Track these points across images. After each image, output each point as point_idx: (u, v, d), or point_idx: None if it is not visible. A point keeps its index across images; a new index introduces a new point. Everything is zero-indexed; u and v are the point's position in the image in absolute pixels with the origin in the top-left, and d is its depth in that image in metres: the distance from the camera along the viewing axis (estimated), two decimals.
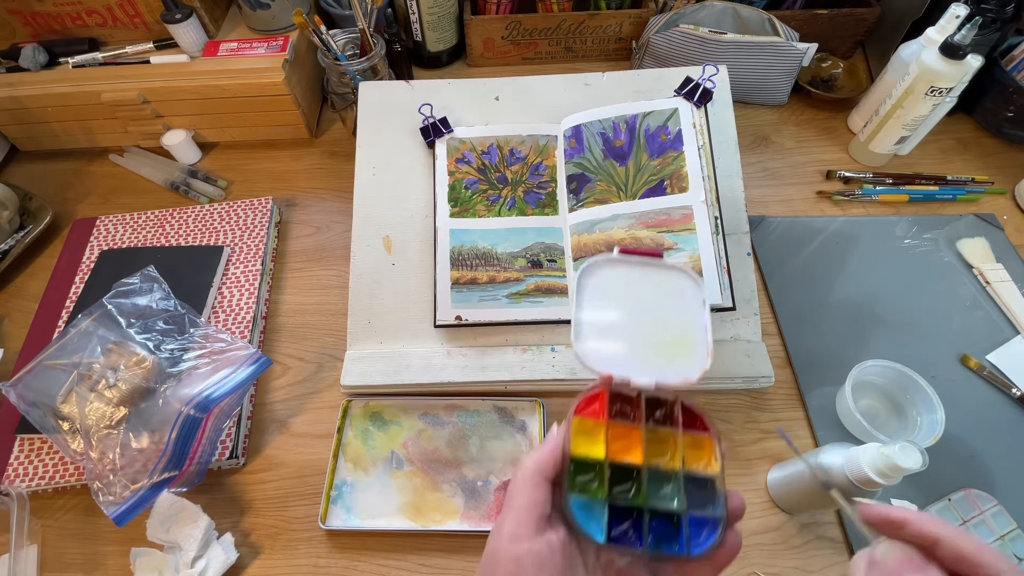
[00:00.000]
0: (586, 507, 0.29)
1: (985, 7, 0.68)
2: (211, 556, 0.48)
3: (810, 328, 0.61)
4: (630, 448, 0.31)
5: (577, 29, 0.85)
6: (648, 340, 0.34)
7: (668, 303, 0.35)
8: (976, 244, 0.66)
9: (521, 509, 0.28)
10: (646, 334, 0.34)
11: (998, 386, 0.56)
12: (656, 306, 0.35)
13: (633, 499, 0.29)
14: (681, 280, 0.36)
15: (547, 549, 0.27)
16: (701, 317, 0.34)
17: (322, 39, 0.69)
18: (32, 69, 0.73)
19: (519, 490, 0.29)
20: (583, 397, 0.32)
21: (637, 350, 0.34)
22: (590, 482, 0.30)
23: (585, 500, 0.29)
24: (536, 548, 0.27)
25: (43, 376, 0.53)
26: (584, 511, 0.28)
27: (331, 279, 0.68)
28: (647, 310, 0.35)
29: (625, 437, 0.31)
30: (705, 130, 0.58)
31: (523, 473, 0.29)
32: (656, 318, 0.35)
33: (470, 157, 0.62)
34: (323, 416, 0.58)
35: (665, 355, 0.34)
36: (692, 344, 0.34)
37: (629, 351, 0.34)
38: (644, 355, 0.34)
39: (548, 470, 0.29)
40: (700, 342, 0.34)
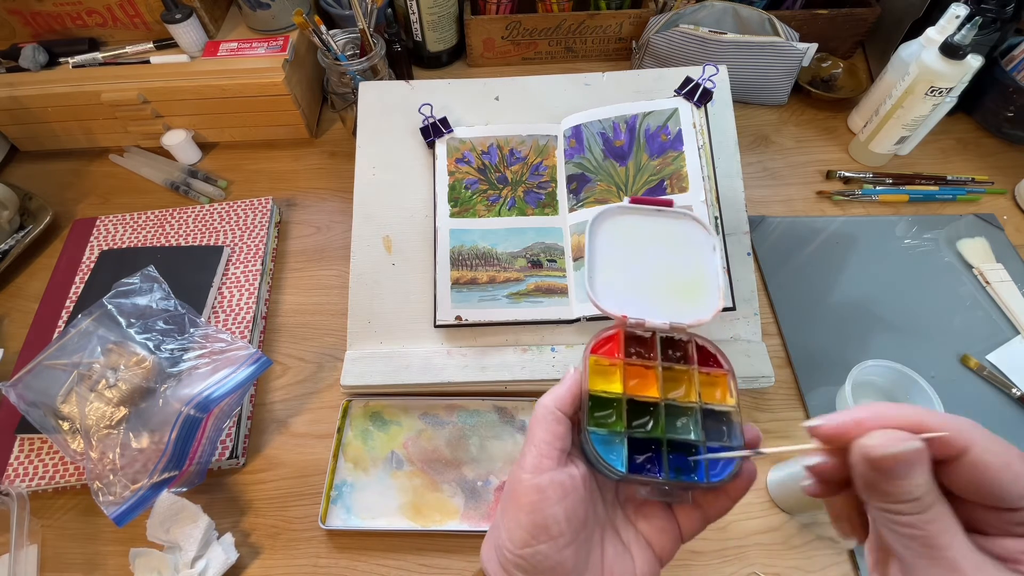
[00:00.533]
0: (605, 440, 0.29)
1: (985, 7, 0.68)
2: (211, 556, 0.48)
3: (810, 328, 0.61)
4: (647, 385, 0.31)
5: (577, 29, 0.85)
6: (661, 284, 0.35)
7: (679, 249, 0.36)
8: (976, 244, 0.66)
9: (542, 442, 0.28)
10: (658, 279, 0.35)
11: (998, 386, 0.56)
12: (667, 252, 0.36)
13: (652, 431, 0.30)
14: (691, 227, 0.36)
15: (570, 480, 0.28)
16: (712, 261, 0.35)
17: (322, 39, 0.69)
18: (32, 69, 0.73)
19: (539, 425, 0.29)
20: (598, 338, 0.32)
21: (650, 293, 0.35)
22: (608, 416, 0.30)
23: (604, 434, 0.29)
24: (559, 478, 0.27)
25: (43, 376, 0.53)
26: (604, 444, 0.29)
27: (331, 279, 0.68)
28: (659, 256, 0.36)
29: (641, 375, 0.32)
30: (705, 130, 0.58)
31: (542, 410, 0.29)
32: (668, 264, 0.36)
33: (470, 157, 0.62)
34: (323, 416, 0.58)
35: (678, 298, 0.35)
36: (704, 287, 0.35)
37: (643, 294, 0.35)
38: (657, 298, 0.34)
39: (567, 406, 0.30)
40: (712, 285, 0.35)
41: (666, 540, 0.30)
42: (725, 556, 0.49)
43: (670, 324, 0.33)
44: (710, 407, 0.30)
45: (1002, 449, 0.21)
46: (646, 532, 0.30)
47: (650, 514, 0.30)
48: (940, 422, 0.21)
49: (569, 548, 0.27)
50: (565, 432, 0.29)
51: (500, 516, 0.29)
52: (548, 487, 0.27)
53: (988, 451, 0.21)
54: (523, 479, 0.28)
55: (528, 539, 0.27)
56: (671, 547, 0.30)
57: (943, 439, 0.21)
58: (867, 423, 0.22)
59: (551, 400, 0.30)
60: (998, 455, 0.21)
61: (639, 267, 0.36)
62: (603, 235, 0.36)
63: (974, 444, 0.21)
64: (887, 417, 0.22)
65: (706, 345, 0.33)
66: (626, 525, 0.31)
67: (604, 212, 0.36)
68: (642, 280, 0.35)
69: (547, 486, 0.27)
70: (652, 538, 0.30)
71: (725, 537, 0.50)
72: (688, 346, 0.33)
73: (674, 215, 0.37)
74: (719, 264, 0.35)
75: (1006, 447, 0.21)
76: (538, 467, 0.28)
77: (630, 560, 0.29)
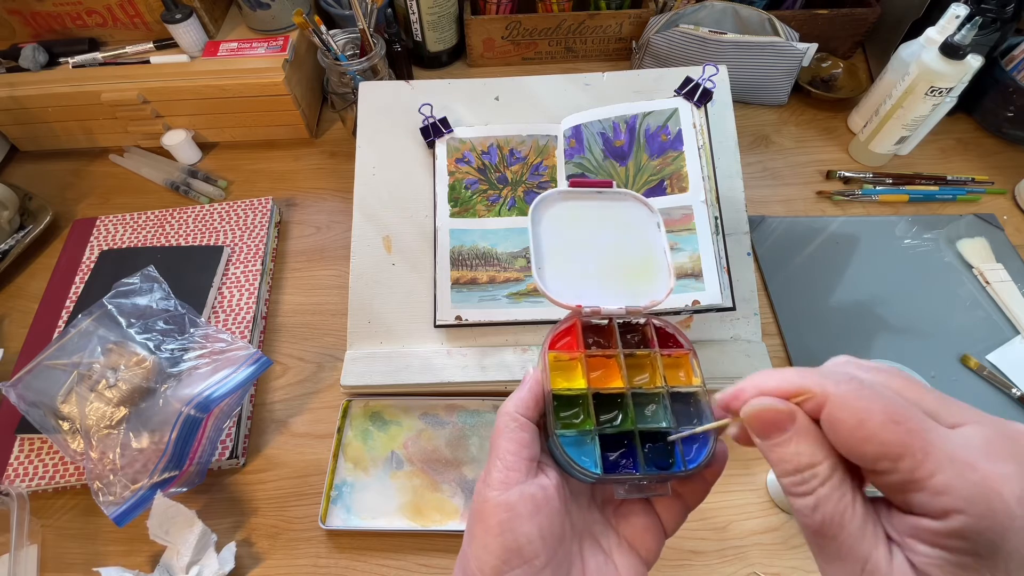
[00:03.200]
0: (576, 442, 0.28)
1: (985, 7, 0.68)
2: (206, 563, 0.48)
3: (810, 328, 0.61)
4: (610, 376, 0.30)
5: (577, 29, 0.85)
6: (611, 268, 0.34)
7: (624, 231, 0.35)
8: (976, 244, 0.66)
9: (508, 454, 0.26)
10: (608, 263, 0.34)
11: (998, 386, 0.56)
12: (613, 235, 0.35)
13: (622, 424, 0.29)
14: (633, 207, 0.36)
15: (541, 492, 0.26)
16: (659, 240, 0.34)
17: (322, 39, 0.69)
18: (32, 69, 0.73)
19: (502, 435, 0.27)
20: (555, 333, 0.31)
21: (602, 279, 0.34)
22: (575, 415, 0.29)
23: (574, 435, 0.28)
24: (529, 491, 0.25)
25: (43, 376, 0.53)
26: (574, 446, 0.27)
27: (331, 279, 0.68)
28: (605, 240, 0.35)
29: (603, 366, 0.31)
30: (705, 130, 0.58)
31: (504, 418, 0.27)
32: (615, 246, 0.35)
33: (470, 157, 0.62)
34: (323, 416, 0.58)
35: (630, 281, 0.34)
36: (654, 267, 0.34)
37: (594, 281, 0.34)
38: (609, 283, 0.34)
39: (530, 411, 0.28)
40: (661, 264, 0.34)
41: (650, 539, 0.28)
42: (725, 556, 0.49)
43: (626, 309, 0.32)
44: (676, 390, 0.30)
45: (861, 404, 0.19)
46: (628, 535, 0.28)
47: (629, 513, 0.29)
48: (811, 381, 0.20)
49: (546, 570, 0.25)
50: (531, 439, 0.27)
51: (467, 541, 0.26)
52: (518, 503, 0.25)
53: (842, 407, 0.19)
54: (490, 497, 0.25)
55: (499, 565, 0.24)
56: (656, 546, 0.28)
57: (813, 395, 0.20)
58: (746, 392, 0.22)
59: (513, 406, 0.28)
60: (853, 411, 0.19)
61: (587, 253, 0.34)
62: (547, 223, 0.35)
63: (828, 400, 0.19)
64: (764, 385, 0.21)
65: (663, 326, 0.32)
66: (606, 530, 0.29)
67: (544, 199, 0.35)
68: (592, 266, 0.34)
69: (517, 502, 0.25)
70: (635, 540, 0.28)
71: (725, 537, 0.50)
72: (646, 329, 0.32)
73: (615, 195, 0.36)
74: (664, 243, 0.34)
75: (872, 400, 0.19)
76: (505, 482, 0.25)
77: (614, 570, 0.27)
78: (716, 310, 0.54)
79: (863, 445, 0.19)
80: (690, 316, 0.57)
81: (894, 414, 0.18)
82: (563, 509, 0.27)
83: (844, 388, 0.19)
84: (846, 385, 0.19)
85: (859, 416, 0.19)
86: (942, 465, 0.17)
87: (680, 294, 0.53)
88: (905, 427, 0.18)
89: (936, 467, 0.17)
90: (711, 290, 0.53)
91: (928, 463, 0.18)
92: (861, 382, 0.20)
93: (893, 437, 0.18)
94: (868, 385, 0.19)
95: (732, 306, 0.55)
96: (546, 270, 0.33)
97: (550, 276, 0.33)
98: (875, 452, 0.18)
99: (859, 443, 0.19)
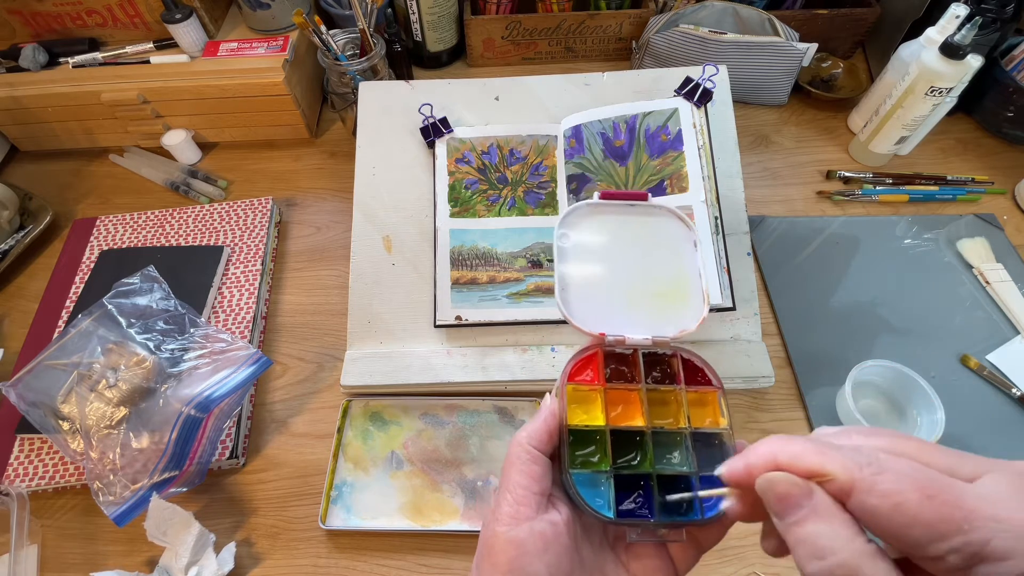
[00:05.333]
0: (590, 481, 0.26)
1: (985, 7, 0.68)
2: (204, 563, 0.48)
3: (810, 328, 0.61)
4: (631, 412, 0.29)
5: (577, 29, 0.85)
6: (639, 292, 0.32)
7: (657, 249, 0.32)
8: (976, 244, 0.66)
9: (518, 487, 0.25)
10: (637, 285, 0.32)
11: (998, 386, 0.56)
12: (645, 253, 0.32)
13: (639, 466, 0.27)
14: (669, 222, 0.33)
15: (551, 529, 0.25)
16: (694, 261, 0.32)
17: (322, 39, 0.69)
18: (32, 69, 0.73)
19: (513, 467, 0.26)
20: (576, 361, 0.30)
21: (629, 304, 0.31)
22: (591, 454, 0.28)
23: (588, 474, 0.27)
24: (539, 528, 0.25)
25: (43, 376, 0.53)
26: (588, 486, 0.26)
27: (331, 279, 0.68)
28: (636, 259, 0.32)
29: (624, 400, 0.29)
30: (705, 130, 0.58)
31: (516, 448, 0.26)
32: (646, 267, 0.32)
33: (470, 157, 0.62)
34: (323, 416, 0.58)
35: (659, 306, 0.31)
36: (686, 291, 0.31)
37: (620, 306, 0.31)
38: (637, 309, 0.31)
39: (543, 444, 0.27)
40: (695, 288, 0.31)
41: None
42: (725, 556, 0.49)
43: (652, 339, 0.30)
44: (700, 431, 0.28)
45: (891, 486, 0.18)
46: (639, 575, 0.27)
47: (642, 554, 0.28)
48: (834, 464, 0.19)
49: None
50: (543, 473, 0.26)
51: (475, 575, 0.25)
52: (527, 540, 0.24)
53: (873, 492, 0.18)
54: (499, 533, 0.24)
55: None
56: None
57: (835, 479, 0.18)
58: (756, 468, 0.20)
59: (526, 438, 0.27)
60: (886, 495, 0.17)
61: (615, 273, 0.32)
62: (573, 239, 0.32)
63: (855, 487, 0.18)
64: (779, 458, 0.20)
65: (692, 359, 0.30)
66: (617, 569, 0.28)
67: (572, 212, 0.32)
68: (619, 289, 0.31)
69: (526, 539, 0.24)
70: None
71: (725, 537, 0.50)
72: (673, 361, 0.30)
73: (649, 209, 0.33)
74: (700, 264, 0.31)
75: (900, 479, 0.18)
76: (515, 517, 0.25)
77: None
78: (716, 310, 0.54)
79: (908, 530, 0.17)
80: None
81: (926, 488, 0.17)
82: (573, 546, 0.26)
83: (868, 471, 0.18)
84: (869, 468, 0.18)
85: (893, 500, 0.17)
86: (991, 528, 0.17)
87: None
88: (940, 499, 0.17)
89: (988, 532, 0.16)
90: (711, 290, 0.53)
91: (978, 531, 0.17)
92: (880, 460, 0.18)
93: (934, 515, 0.17)
94: (887, 460, 0.18)
95: (732, 306, 0.55)
96: (570, 292, 0.31)
97: (574, 299, 0.31)
98: (922, 535, 0.17)
99: (903, 529, 0.17)
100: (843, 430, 0.21)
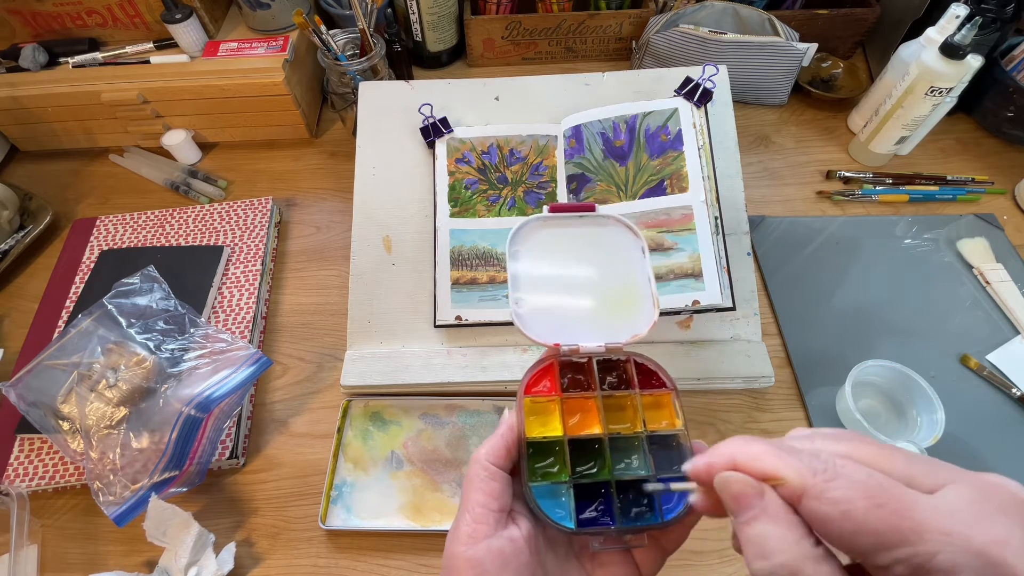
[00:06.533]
0: (550, 493, 0.27)
1: (985, 7, 0.68)
2: (204, 564, 0.48)
3: (810, 328, 0.61)
4: (589, 420, 0.29)
5: (577, 29, 0.85)
6: (592, 301, 0.32)
7: (607, 258, 0.33)
8: (976, 244, 0.66)
9: (476, 505, 0.26)
10: (589, 295, 0.32)
11: (998, 386, 0.56)
12: (596, 263, 0.33)
13: (598, 474, 0.28)
14: (617, 232, 0.33)
15: (510, 546, 0.25)
16: (642, 267, 0.32)
17: (322, 39, 0.69)
18: (32, 69, 0.73)
19: (472, 484, 0.26)
20: (532, 374, 0.30)
21: (583, 313, 0.32)
22: (551, 465, 0.28)
23: (548, 486, 0.27)
24: (497, 546, 0.25)
25: (43, 376, 0.53)
26: (549, 497, 0.27)
27: (331, 279, 0.68)
28: (587, 269, 0.33)
29: (582, 408, 0.29)
30: (705, 130, 0.58)
31: (474, 466, 0.27)
32: (598, 276, 0.33)
33: (470, 157, 0.62)
34: (323, 416, 0.58)
35: (612, 313, 0.32)
36: (637, 297, 0.32)
37: (574, 316, 0.32)
38: (590, 317, 0.32)
39: (502, 459, 0.27)
40: (644, 294, 0.32)
41: None
42: (725, 556, 0.49)
43: (605, 346, 0.30)
44: (656, 434, 0.28)
45: (841, 493, 0.18)
46: None
47: (607, 562, 0.28)
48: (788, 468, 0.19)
49: None
50: (502, 489, 0.26)
51: None
52: (485, 558, 0.24)
53: (822, 499, 0.18)
54: (457, 553, 0.25)
55: None
56: None
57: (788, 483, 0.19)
58: (715, 466, 0.21)
59: (484, 454, 0.27)
60: (835, 502, 0.18)
61: (567, 285, 0.32)
62: (526, 253, 0.32)
63: (806, 492, 0.18)
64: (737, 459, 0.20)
65: (645, 363, 0.30)
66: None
67: (523, 227, 0.33)
68: (572, 299, 0.32)
69: (484, 557, 0.24)
70: None
71: (725, 537, 0.50)
72: (627, 366, 0.30)
73: (598, 220, 0.33)
74: (649, 270, 0.32)
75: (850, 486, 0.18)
76: (472, 536, 0.25)
77: None
78: (716, 310, 0.54)
79: (856, 538, 0.17)
80: (690, 316, 0.57)
81: (875, 496, 0.17)
82: (534, 561, 0.26)
83: (821, 477, 0.18)
84: (823, 474, 0.18)
85: (842, 507, 0.18)
86: (939, 542, 0.16)
87: (680, 294, 0.53)
88: (889, 508, 0.17)
89: (935, 546, 0.16)
90: (711, 290, 0.53)
91: (925, 543, 0.16)
92: (834, 467, 0.18)
93: (881, 524, 0.17)
94: (842, 466, 0.18)
95: (732, 306, 0.55)
96: (524, 305, 0.31)
97: (528, 312, 0.31)
98: (869, 544, 0.17)
99: (851, 536, 0.17)
100: (810, 433, 0.21)
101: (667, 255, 0.54)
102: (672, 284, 0.53)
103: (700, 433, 0.56)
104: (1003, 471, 0.53)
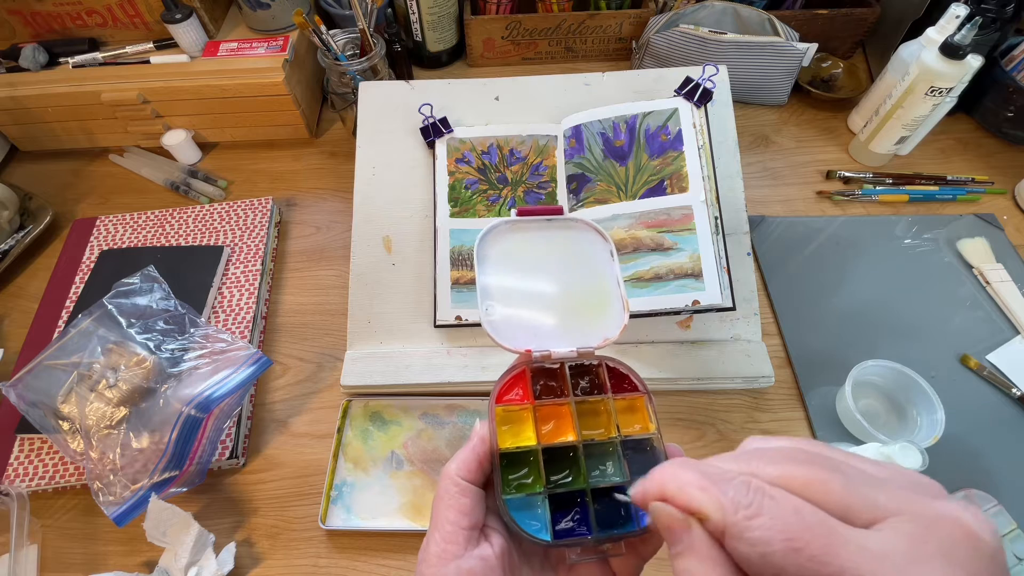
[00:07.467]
0: (525, 504, 0.26)
1: (985, 7, 0.68)
2: (204, 564, 0.48)
3: (810, 328, 0.61)
4: (563, 427, 0.29)
5: (577, 29, 0.85)
6: (563, 305, 0.32)
7: (576, 261, 0.33)
8: (976, 244, 0.66)
9: (446, 523, 0.25)
10: (560, 299, 0.32)
11: (998, 386, 0.56)
12: (565, 267, 0.33)
13: (573, 483, 0.27)
14: (585, 234, 0.33)
15: (480, 565, 0.24)
16: (611, 269, 0.32)
17: (322, 39, 0.69)
18: (32, 69, 0.73)
19: (441, 501, 0.25)
20: (503, 382, 0.30)
21: (553, 318, 0.31)
22: (525, 475, 0.27)
23: (522, 497, 0.26)
24: (467, 566, 0.24)
25: (43, 376, 0.53)
26: (523, 509, 0.26)
27: (331, 279, 0.68)
28: (557, 273, 0.33)
29: (556, 415, 0.29)
30: (705, 130, 0.58)
31: (444, 482, 0.26)
32: (568, 280, 0.32)
33: (470, 157, 0.62)
34: (323, 416, 0.58)
35: (583, 318, 0.31)
36: (607, 300, 0.32)
37: (545, 320, 0.31)
38: (561, 322, 0.31)
39: (473, 473, 0.26)
40: (614, 296, 0.31)
41: None
42: None
43: (576, 351, 0.30)
44: (630, 438, 0.28)
45: (759, 533, 0.16)
46: None
47: (585, 573, 0.27)
48: (710, 502, 0.18)
49: None
50: (472, 505, 0.25)
51: None
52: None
53: (740, 539, 0.16)
54: (426, 574, 0.24)
55: None
56: None
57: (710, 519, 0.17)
58: (649, 493, 0.20)
59: (455, 469, 0.26)
60: (752, 544, 0.16)
61: (537, 290, 0.32)
62: (493, 258, 0.32)
63: (726, 531, 0.17)
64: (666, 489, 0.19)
65: (617, 367, 0.30)
66: None
67: (490, 232, 0.32)
68: (542, 304, 0.32)
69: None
70: None
71: None
72: (600, 371, 0.30)
73: (567, 223, 0.33)
74: (618, 272, 0.32)
75: (769, 526, 0.16)
76: (441, 556, 0.24)
77: None
78: (716, 310, 0.54)
79: None
80: (690, 316, 0.57)
81: (795, 539, 0.16)
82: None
83: (743, 514, 0.17)
84: (746, 510, 0.17)
85: (759, 550, 0.16)
86: None
87: (680, 294, 0.53)
88: (807, 553, 0.15)
89: None
90: (711, 290, 0.53)
91: None
92: (759, 501, 0.17)
93: (799, 571, 0.15)
94: (769, 500, 0.17)
95: (732, 306, 0.55)
96: (494, 311, 0.31)
97: (498, 318, 0.31)
98: None
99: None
100: (756, 448, 0.20)
101: (667, 255, 0.54)
102: (672, 284, 0.53)
103: (700, 433, 0.56)
104: (1003, 471, 0.53)
